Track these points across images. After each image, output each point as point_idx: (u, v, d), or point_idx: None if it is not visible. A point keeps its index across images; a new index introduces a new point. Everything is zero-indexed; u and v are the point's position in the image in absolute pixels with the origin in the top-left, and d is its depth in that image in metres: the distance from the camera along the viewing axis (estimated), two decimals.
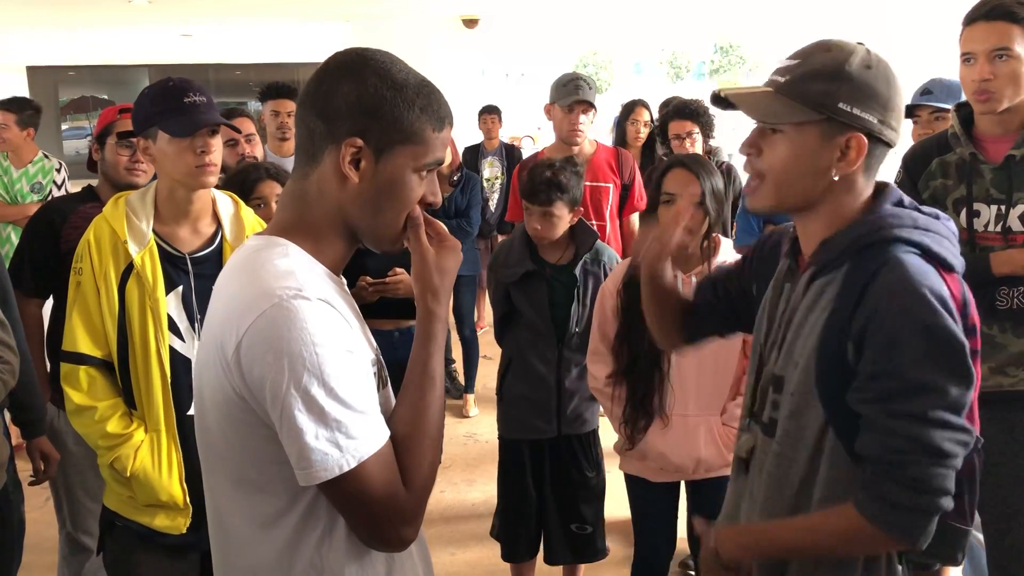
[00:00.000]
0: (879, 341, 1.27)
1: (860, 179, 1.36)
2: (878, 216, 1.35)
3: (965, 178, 2.26)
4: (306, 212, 1.24)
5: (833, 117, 1.31)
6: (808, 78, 1.32)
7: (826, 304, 1.35)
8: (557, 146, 3.63)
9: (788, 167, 1.35)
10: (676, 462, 2.46)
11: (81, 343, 2.01)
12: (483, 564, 3.39)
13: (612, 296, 2.51)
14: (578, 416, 2.83)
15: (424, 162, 1.23)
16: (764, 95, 1.36)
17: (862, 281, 1.30)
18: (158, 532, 2.05)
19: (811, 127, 1.32)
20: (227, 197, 2.19)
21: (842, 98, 1.30)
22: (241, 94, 15.55)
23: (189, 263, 2.06)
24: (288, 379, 1.10)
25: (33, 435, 2.45)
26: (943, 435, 1.27)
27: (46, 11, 9.80)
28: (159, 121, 1.99)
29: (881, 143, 1.35)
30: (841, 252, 1.35)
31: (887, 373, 1.28)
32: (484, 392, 5.12)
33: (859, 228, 1.35)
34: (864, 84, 1.31)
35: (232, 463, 1.21)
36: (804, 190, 1.36)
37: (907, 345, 1.26)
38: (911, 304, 1.26)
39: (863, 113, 1.31)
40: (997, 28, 2.14)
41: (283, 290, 1.13)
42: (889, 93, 1.34)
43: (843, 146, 1.32)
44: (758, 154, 1.38)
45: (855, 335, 1.29)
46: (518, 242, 2.85)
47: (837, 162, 1.33)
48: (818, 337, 1.34)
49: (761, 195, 1.39)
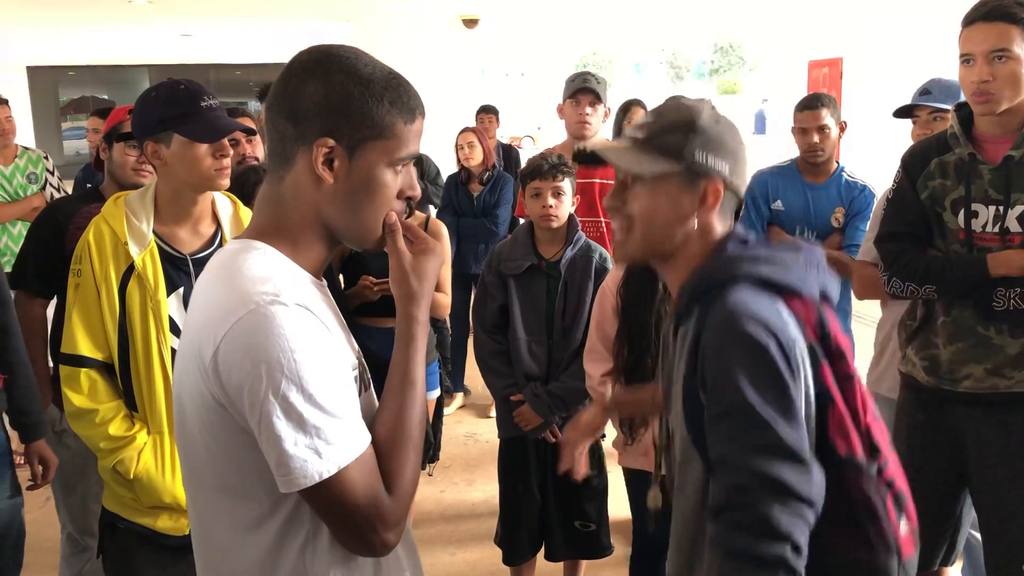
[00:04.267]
0: (709, 382, 1.30)
1: (716, 224, 1.43)
2: (719, 259, 1.40)
3: (964, 178, 2.26)
4: (282, 215, 1.22)
5: (690, 166, 1.38)
6: (664, 131, 1.41)
7: (684, 352, 1.38)
8: (569, 143, 3.64)
9: (652, 214, 1.41)
10: None
11: (81, 345, 2.00)
12: (483, 564, 3.39)
13: (612, 295, 2.52)
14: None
15: (398, 156, 1.21)
16: (626, 149, 1.44)
17: (700, 327, 1.34)
18: (160, 533, 2.05)
19: (671, 176, 1.39)
20: (226, 198, 2.19)
21: (696, 148, 1.38)
22: (241, 94, 15.55)
23: (190, 264, 2.05)
24: (266, 386, 1.09)
25: (31, 439, 2.44)
26: (787, 468, 1.23)
27: (46, 11, 9.80)
28: (174, 125, 1.96)
29: (731, 192, 1.43)
30: (689, 299, 1.39)
31: (722, 415, 1.28)
32: (484, 391, 5.12)
33: (702, 273, 1.39)
34: (715, 135, 1.40)
35: (213, 469, 1.20)
36: (669, 236, 1.42)
37: (729, 380, 1.26)
38: (726, 336, 1.29)
39: (716, 161, 1.39)
40: (996, 29, 2.14)
41: (260, 295, 1.12)
42: (735, 145, 1.43)
43: (702, 193, 1.40)
44: (623, 205, 1.44)
45: (700, 377, 1.32)
46: (521, 237, 2.86)
47: (698, 207, 1.40)
48: (683, 386, 1.37)
49: (631, 244, 1.44)
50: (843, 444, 1.32)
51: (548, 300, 2.80)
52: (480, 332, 2.90)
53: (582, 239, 2.84)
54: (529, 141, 15.04)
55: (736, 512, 1.24)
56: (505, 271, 2.84)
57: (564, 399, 2.76)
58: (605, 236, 3.66)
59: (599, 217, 3.65)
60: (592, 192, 3.57)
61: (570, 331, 2.78)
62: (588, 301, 2.77)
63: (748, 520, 1.23)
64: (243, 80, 16.59)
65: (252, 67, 16.17)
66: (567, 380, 2.77)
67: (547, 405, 2.75)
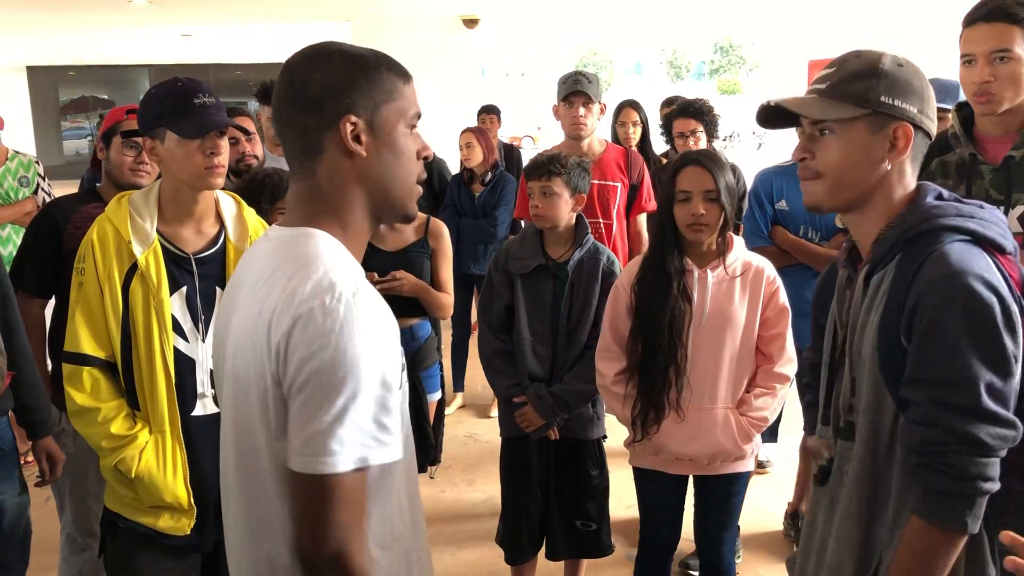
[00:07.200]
0: (922, 331, 1.35)
1: (908, 169, 1.46)
2: (922, 208, 1.43)
3: (964, 178, 2.26)
4: (323, 204, 1.27)
5: (877, 110, 1.41)
6: (847, 80, 1.44)
7: (881, 297, 1.42)
8: (566, 144, 3.66)
9: (844, 163, 1.44)
10: (691, 453, 2.47)
11: (84, 344, 2.00)
12: (483, 564, 3.39)
13: (626, 293, 2.51)
14: (578, 418, 2.83)
15: (410, 114, 1.30)
16: (811, 100, 1.46)
17: (911, 272, 1.37)
18: (161, 533, 2.04)
19: (858, 123, 1.43)
20: (229, 198, 2.18)
21: (882, 92, 1.42)
22: (241, 94, 15.58)
23: (193, 263, 2.05)
24: (328, 369, 1.13)
25: (38, 436, 2.45)
26: (982, 428, 1.32)
27: (46, 11, 9.79)
28: (168, 122, 1.97)
29: (922, 132, 1.45)
30: (891, 246, 1.42)
31: (929, 362, 1.34)
32: (484, 392, 5.13)
33: (906, 221, 1.42)
34: (900, 78, 1.43)
35: (270, 449, 1.21)
36: (860, 183, 1.45)
37: (947, 334, 1.32)
38: (951, 293, 1.33)
39: (904, 104, 1.42)
40: (997, 29, 2.14)
41: (335, 287, 1.16)
42: (922, 86, 1.45)
43: (892, 137, 1.43)
44: (812, 158, 1.47)
45: (905, 325, 1.37)
46: (530, 236, 2.86)
47: (888, 152, 1.43)
48: (877, 329, 1.41)
49: (819, 192, 1.48)
50: None
51: (554, 301, 2.79)
52: (485, 331, 2.89)
53: (590, 241, 2.83)
54: (529, 141, 15.06)
55: (931, 456, 1.35)
56: (512, 270, 2.83)
57: (567, 401, 2.76)
58: (604, 237, 3.67)
59: (598, 218, 3.66)
60: (591, 193, 3.57)
61: (575, 332, 2.77)
62: (594, 303, 2.76)
63: (941, 465, 1.34)
64: (243, 80, 16.61)
65: (252, 67, 16.19)
66: (571, 382, 2.77)
67: (550, 407, 2.75)
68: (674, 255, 2.42)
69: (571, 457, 2.85)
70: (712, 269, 2.44)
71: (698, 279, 2.44)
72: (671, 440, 2.47)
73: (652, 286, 2.44)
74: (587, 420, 2.84)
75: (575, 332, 2.77)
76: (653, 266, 2.45)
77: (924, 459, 1.36)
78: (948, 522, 1.35)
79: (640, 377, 2.47)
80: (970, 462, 1.33)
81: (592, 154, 3.65)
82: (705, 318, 2.43)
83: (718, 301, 2.43)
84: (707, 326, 2.42)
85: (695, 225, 2.38)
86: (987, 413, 1.32)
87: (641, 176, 3.78)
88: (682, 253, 2.43)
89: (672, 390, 2.44)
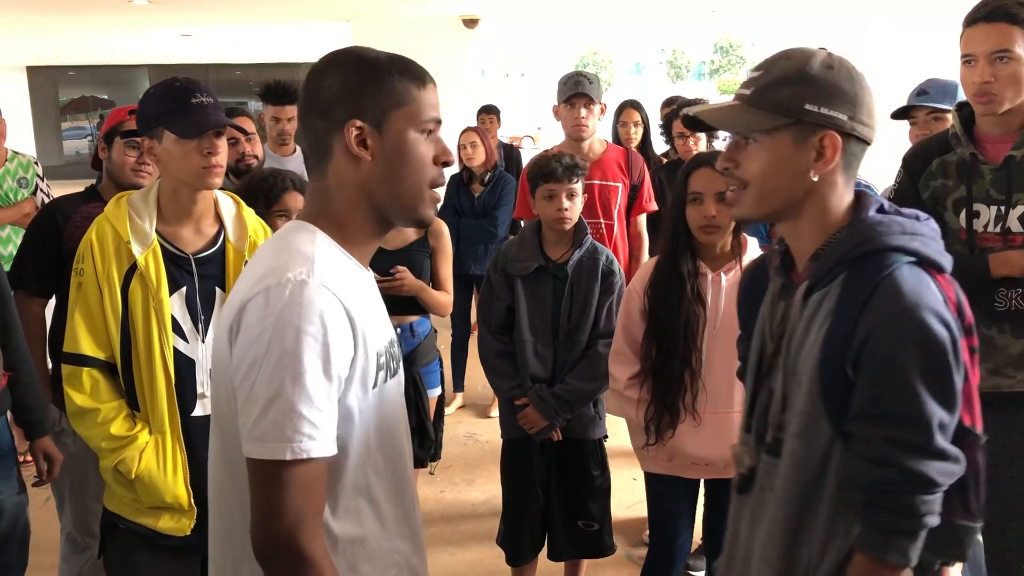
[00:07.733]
0: (875, 364, 1.29)
1: (840, 179, 1.39)
2: (866, 225, 1.36)
3: (965, 178, 2.26)
4: (330, 202, 1.30)
5: (802, 119, 1.34)
6: (772, 86, 1.36)
7: (824, 318, 1.36)
8: (567, 144, 3.66)
9: (768, 173, 1.38)
10: (707, 457, 2.45)
11: (83, 344, 2.00)
12: (483, 564, 3.39)
13: (639, 296, 2.49)
14: (579, 418, 2.83)
15: (423, 120, 1.29)
16: (732, 108, 1.40)
17: (862, 296, 1.32)
18: (161, 534, 2.04)
19: (783, 132, 1.36)
20: (228, 198, 2.18)
21: (808, 100, 1.34)
22: (241, 94, 15.58)
23: (193, 263, 2.05)
24: (264, 352, 1.15)
25: (36, 436, 2.45)
26: (935, 466, 1.29)
27: (46, 11, 9.79)
28: (165, 121, 1.98)
29: (855, 139, 1.37)
30: (835, 264, 1.36)
31: (882, 399, 1.30)
32: (484, 392, 5.13)
33: (850, 238, 1.36)
34: (828, 83, 1.34)
35: None
36: (785, 195, 1.39)
37: (902, 371, 1.28)
38: (907, 330, 1.28)
39: (831, 111, 1.34)
40: (998, 29, 2.14)
41: (292, 271, 1.18)
42: (854, 90, 1.36)
43: (818, 146, 1.35)
44: (736, 167, 1.41)
45: (853, 352, 1.31)
46: (528, 237, 2.85)
47: (814, 163, 1.36)
48: (819, 352, 1.35)
49: (744, 203, 1.42)
50: (968, 416, 1.35)
51: (554, 302, 2.79)
52: (485, 333, 2.89)
53: (589, 241, 2.83)
54: (529, 141, 15.06)
55: (882, 496, 1.32)
56: (512, 271, 2.83)
57: (569, 401, 2.76)
58: (605, 237, 3.67)
59: (599, 219, 3.66)
60: (592, 193, 3.58)
61: (576, 333, 2.77)
62: (594, 303, 2.76)
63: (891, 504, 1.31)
64: (243, 80, 16.61)
65: (252, 67, 16.19)
66: (572, 382, 2.77)
67: (552, 407, 2.75)
68: (687, 258, 2.40)
69: (573, 457, 2.85)
70: (727, 272, 2.42)
71: (712, 282, 2.42)
72: (687, 444, 2.45)
73: (665, 290, 2.41)
74: (588, 420, 2.84)
75: (576, 332, 2.77)
76: (666, 269, 2.43)
77: (873, 498, 1.32)
78: (893, 558, 1.33)
79: (654, 381, 2.45)
80: (920, 501, 1.30)
81: (593, 154, 3.65)
82: (720, 321, 2.41)
83: (733, 304, 2.42)
84: (721, 329, 2.39)
85: (707, 227, 2.36)
86: (938, 451, 1.29)
87: (642, 176, 3.78)
88: (695, 256, 2.41)
89: (687, 394, 2.43)
